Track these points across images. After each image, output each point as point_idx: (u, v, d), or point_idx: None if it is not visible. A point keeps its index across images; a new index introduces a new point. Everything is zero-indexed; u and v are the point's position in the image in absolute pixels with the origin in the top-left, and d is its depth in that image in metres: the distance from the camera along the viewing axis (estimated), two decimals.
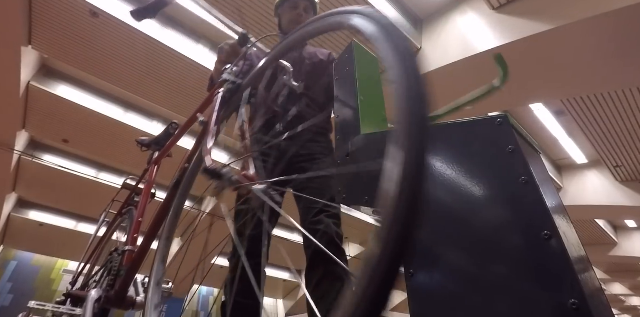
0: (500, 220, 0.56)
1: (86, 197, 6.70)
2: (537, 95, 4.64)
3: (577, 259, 0.49)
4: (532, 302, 0.47)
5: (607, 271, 11.66)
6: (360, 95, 1.09)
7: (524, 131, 0.64)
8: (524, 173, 0.56)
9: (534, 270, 0.46)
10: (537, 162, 0.60)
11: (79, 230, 7.37)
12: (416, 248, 0.70)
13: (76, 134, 5.69)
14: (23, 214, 6.99)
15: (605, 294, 0.49)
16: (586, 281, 0.47)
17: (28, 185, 6.48)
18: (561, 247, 0.48)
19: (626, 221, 9.11)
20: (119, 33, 4.25)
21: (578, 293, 0.45)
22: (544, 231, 0.50)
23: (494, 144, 0.62)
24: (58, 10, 4.00)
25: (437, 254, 0.65)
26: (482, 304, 0.54)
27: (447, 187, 0.63)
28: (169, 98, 5.16)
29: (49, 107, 5.18)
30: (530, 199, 0.55)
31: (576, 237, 0.55)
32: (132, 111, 5.68)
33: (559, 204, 0.57)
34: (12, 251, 7.56)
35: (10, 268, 7.36)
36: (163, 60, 4.59)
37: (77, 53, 4.52)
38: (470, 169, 0.63)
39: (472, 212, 0.59)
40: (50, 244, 7.38)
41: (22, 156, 5.77)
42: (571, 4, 3.41)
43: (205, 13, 4.35)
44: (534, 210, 0.54)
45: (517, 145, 0.59)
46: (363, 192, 0.79)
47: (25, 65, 4.46)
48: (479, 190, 0.60)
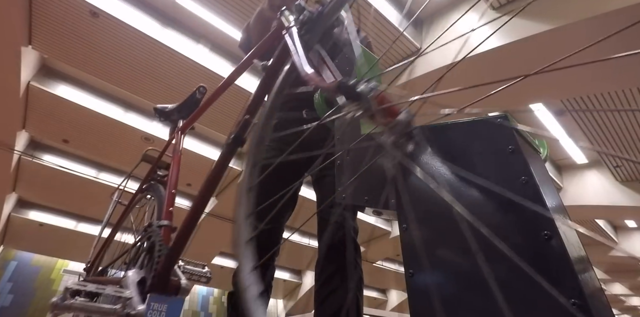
0: (500, 220, 0.56)
1: (86, 197, 6.70)
2: (537, 95, 4.64)
3: (577, 259, 0.49)
4: (532, 302, 0.47)
5: (607, 271, 11.67)
6: None
7: (524, 131, 0.64)
8: (524, 173, 0.56)
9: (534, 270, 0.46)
10: (537, 162, 0.60)
11: (79, 230, 7.37)
12: (416, 248, 0.70)
13: (76, 134, 5.69)
14: (23, 214, 6.99)
15: (605, 294, 0.49)
16: (586, 281, 0.47)
17: (28, 185, 6.48)
18: (561, 247, 0.48)
19: (626, 221, 9.10)
20: (119, 33, 4.25)
21: (578, 293, 0.45)
22: (544, 231, 0.50)
23: (494, 144, 0.62)
24: (58, 10, 4.00)
25: (437, 254, 0.65)
26: (482, 304, 0.54)
27: (447, 187, 0.63)
28: (169, 98, 5.15)
29: (49, 107, 5.18)
30: (530, 199, 0.55)
31: (576, 237, 0.55)
32: (132, 111, 5.68)
33: (559, 204, 0.57)
34: (12, 251, 7.56)
35: (10, 268, 7.36)
36: (163, 60, 4.59)
37: (77, 53, 4.52)
38: (470, 169, 0.63)
39: (472, 212, 0.59)
40: (50, 244, 7.38)
41: (22, 156, 5.77)
42: (571, 4, 3.42)
43: (205, 13, 4.35)
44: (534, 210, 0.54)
45: (517, 145, 0.60)
46: (363, 191, 0.79)
47: (25, 65, 4.46)
48: (479, 190, 0.60)
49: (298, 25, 0.79)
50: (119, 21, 4.12)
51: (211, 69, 4.62)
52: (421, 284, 0.65)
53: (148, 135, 5.69)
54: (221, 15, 4.37)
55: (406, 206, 0.75)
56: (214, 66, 4.67)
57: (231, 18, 4.38)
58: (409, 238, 0.71)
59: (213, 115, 5.35)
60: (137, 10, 4.30)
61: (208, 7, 4.28)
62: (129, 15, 4.19)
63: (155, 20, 4.42)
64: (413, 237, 0.71)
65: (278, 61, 0.82)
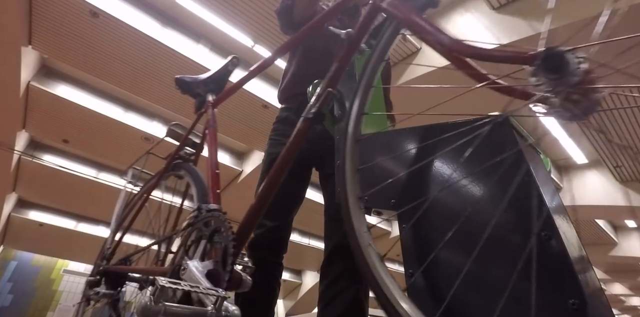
0: (500, 220, 0.56)
1: (86, 197, 6.70)
2: None
3: (577, 259, 0.49)
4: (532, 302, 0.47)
5: (607, 271, 11.66)
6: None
7: (524, 131, 0.64)
8: (524, 173, 0.56)
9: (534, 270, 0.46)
10: (537, 162, 0.60)
11: (79, 230, 7.37)
12: (416, 248, 0.70)
13: (76, 134, 5.69)
14: (23, 214, 6.99)
15: (605, 294, 0.49)
16: (586, 281, 0.47)
17: (28, 185, 6.48)
18: (561, 247, 0.48)
19: (626, 221, 9.10)
20: (119, 33, 4.25)
21: (578, 293, 0.45)
22: (544, 231, 0.50)
23: (494, 144, 0.62)
24: (58, 10, 4.00)
25: (437, 254, 0.65)
26: (482, 304, 0.54)
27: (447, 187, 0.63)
28: (169, 98, 5.16)
29: (49, 107, 5.18)
30: (530, 199, 0.55)
31: (576, 237, 0.55)
32: (132, 111, 5.68)
33: (559, 204, 0.57)
34: (12, 251, 7.56)
35: (10, 268, 7.36)
36: (163, 60, 4.59)
37: (77, 53, 4.52)
38: (469, 169, 0.63)
39: (472, 212, 0.59)
40: (50, 244, 7.38)
41: (22, 156, 5.77)
42: (571, 4, 3.42)
43: (205, 13, 4.35)
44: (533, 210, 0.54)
45: (517, 146, 0.59)
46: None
47: (25, 65, 4.46)
48: (479, 190, 0.60)
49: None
50: (119, 21, 4.12)
51: (211, 69, 4.60)
52: (421, 284, 0.65)
53: (148, 135, 5.70)
54: (221, 15, 4.37)
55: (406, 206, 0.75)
56: (214, 66, 4.65)
57: (231, 18, 4.38)
58: (409, 238, 0.71)
59: None
60: (137, 10, 4.30)
61: (208, 7, 4.28)
62: (129, 15, 4.19)
63: (155, 20, 4.42)
64: (413, 237, 0.71)
65: (363, 29, 0.79)
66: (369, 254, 0.60)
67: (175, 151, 1.27)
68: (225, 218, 0.78)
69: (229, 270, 0.68)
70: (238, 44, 4.71)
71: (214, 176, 0.98)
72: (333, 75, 0.78)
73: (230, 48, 4.80)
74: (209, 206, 0.88)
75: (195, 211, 0.89)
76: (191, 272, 0.72)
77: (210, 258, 0.76)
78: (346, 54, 0.79)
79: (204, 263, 0.75)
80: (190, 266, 0.74)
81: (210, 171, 0.99)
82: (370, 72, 0.77)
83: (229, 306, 0.61)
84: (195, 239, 0.82)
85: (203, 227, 0.82)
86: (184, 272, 0.74)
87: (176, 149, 1.28)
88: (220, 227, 0.77)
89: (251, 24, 4.42)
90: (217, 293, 0.61)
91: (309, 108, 0.77)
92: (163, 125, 5.91)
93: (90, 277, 1.24)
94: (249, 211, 0.77)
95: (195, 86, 1.33)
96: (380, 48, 0.78)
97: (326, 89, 0.77)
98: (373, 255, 0.61)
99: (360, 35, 0.79)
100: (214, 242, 0.78)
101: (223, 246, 0.73)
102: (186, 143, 1.28)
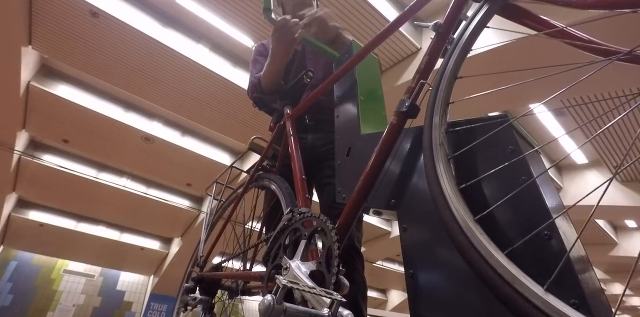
0: (500, 220, 0.56)
1: (86, 197, 6.70)
2: (537, 95, 4.64)
3: (577, 259, 0.49)
4: None
5: (607, 271, 11.66)
6: (360, 95, 1.09)
7: (524, 131, 0.64)
8: (524, 173, 0.56)
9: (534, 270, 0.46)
10: (537, 162, 0.60)
11: (79, 230, 7.37)
12: (416, 248, 0.70)
13: (76, 134, 5.69)
14: (23, 214, 6.99)
15: (605, 294, 0.49)
16: (586, 281, 0.47)
17: (28, 185, 6.49)
18: (561, 247, 0.48)
19: (626, 221, 9.10)
20: (119, 33, 4.25)
21: (578, 293, 0.45)
22: (544, 231, 0.50)
23: (494, 144, 0.62)
24: (58, 10, 4.00)
25: (437, 254, 0.65)
26: (482, 304, 0.54)
27: None
28: (169, 98, 5.16)
29: (49, 107, 5.18)
30: (530, 199, 0.55)
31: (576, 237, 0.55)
32: (132, 111, 5.68)
33: (559, 204, 0.57)
34: (12, 251, 7.55)
35: (10, 268, 7.35)
36: (163, 60, 4.59)
37: (77, 53, 4.52)
38: (470, 168, 0.63)
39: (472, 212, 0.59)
40: (50, 244, 7.38)
41: (22, 156, 5.77)
42: None
43: (205, 13, 4.35)
44: (534, 210, 0.54)
45: (517, 145, 0.60)
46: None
47: (25, 65, 4.46)
48: (479, 189, 0.60)
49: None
50: (119, 21, 4.12)
51: (211, 69, 4.61)
52: (421, 284, 0.65)
53: (148, 135, 5.70)
54: (221, 15, 4.37)
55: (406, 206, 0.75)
56: (214, 66, 4.66)
57: (231, 18, 4.38)
58: (409, 238, 0.71)
59: (212, 115, 5.35)
60: (137, 10, 4.30)
61: (208, 7, 4.28)
62: (129, 15, 4.19)
63: (155, 20, 4.42)
64: (413, 237, 0.71)
65: (452, 18, 0.76)
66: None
67: (258, 163, 1.36)
68: (326, 219, 0.76)
69: (335, 272, 0.66)
70: (238, 44, 4.71)
71: (301, 182, 1.05)
72: (424, 68, 0.76)
73: (230, 48, 4.79)
74: (300, 209, 0.89)
75: (289, 213, 0.90)
76: (294, 272, 0.71)
77: (309, 259, 0.76)
78: (435, 45, 0.77)
79: (306, 264, 0.73)
80: (293, 266, 0.73)
81: (298, 178, 1.07)
82: (455, 63, 0.70)
83: (343, 310, 0.60)
84: (294, 239, 0.82)
85: (302, 228, 0.81)
86: (286, 273, 0.73)
87: (259, 160, 1.37)
88: (321, 228, 0.76)
89: (251, 24, 4.42)
90: (334, 297, 0.59)
91: (401, 102, 0.74)
92: (163, 125, 5.91)
93: (186, 283, 1.30)
94: (344, 216, 0.76)
95: (272, 101, 1.41)
96: (467, 37, 0.71)
97: (419, 81, 0.75)
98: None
99: (450, 26, 0.76)
100: (310, 243, 0.78)
101: (327, 247, 0.71)
102: (267, 155, 1.37)
